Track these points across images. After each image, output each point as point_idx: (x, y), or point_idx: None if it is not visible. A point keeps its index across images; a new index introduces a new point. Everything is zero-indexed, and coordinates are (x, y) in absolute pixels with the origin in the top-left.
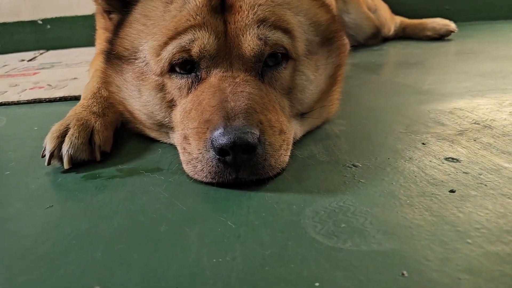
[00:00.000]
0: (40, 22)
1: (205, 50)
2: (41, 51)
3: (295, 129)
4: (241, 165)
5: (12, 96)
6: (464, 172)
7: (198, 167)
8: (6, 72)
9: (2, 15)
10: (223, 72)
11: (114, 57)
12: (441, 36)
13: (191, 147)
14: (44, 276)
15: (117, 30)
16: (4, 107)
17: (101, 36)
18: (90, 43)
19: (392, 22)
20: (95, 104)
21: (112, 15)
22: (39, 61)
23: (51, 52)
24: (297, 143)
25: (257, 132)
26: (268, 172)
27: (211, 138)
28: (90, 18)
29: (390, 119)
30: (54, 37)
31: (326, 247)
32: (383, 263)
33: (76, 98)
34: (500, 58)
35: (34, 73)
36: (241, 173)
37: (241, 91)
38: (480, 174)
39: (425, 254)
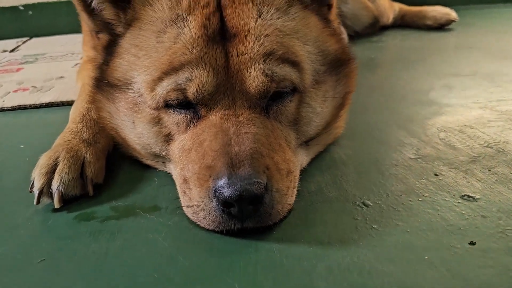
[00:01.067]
0: (21, 8)
1: (204, 90)
2: (24, 39)
3: (301, 159)
4: (247, 216)
5: None
6: (482, 216)
7: (200, 214)
8: None
9: None
10: (224, 109)
11: (105, 85)
12: (441, 26)
13: (192, 193)
14: None
15: (106, 57)
16: None
17: (88, 42)
18: (74, 30)
19: (391, 10)
20: (85, 129)
21: (100, 35)
22: (22, 52)
23: (34, 40)
24: (303, 172)
25: (264, 180)
26: (275, 218)
27: (214, 188)
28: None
29: (399, 140)
30: (37, 24)
31: None
32: None
33: (63, 104)
34: (504, 56)
35: (18, 69)
36: (246, 222)
37: (246, 132)
38: (500, 219)
39: None
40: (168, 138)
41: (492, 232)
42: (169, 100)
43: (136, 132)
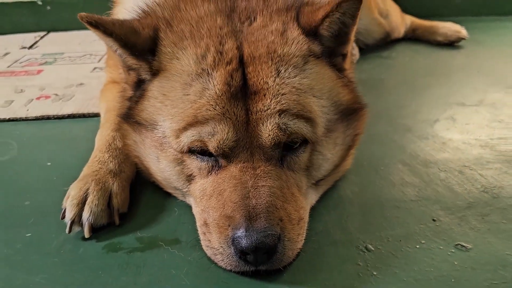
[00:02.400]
0: (40, 3)
1: (224, 145)
2: (41, 34)
3: (310, 199)
4: (261, 262)
5: (19, 109)
6: (472, 268)
7: (218, 256)
8: (8, 66)
9: None
10: (243, 162)
11: (133, 121)
12: (451, 43)
13: (212, 237)
14: None
15: (135, 94)
16: (13, 123)
17: (112, 66)
18: None
19: (402, 25)
20: (111, 159)
21: (131, 72)
22: (40, 49)
23: (51, 35)
24: (312, 210)
25: (277, 232)
26: (285, 263)
27: (232, 237)
28: (91, 0)
29: (402, 178)
30: (55, 19)
31: None
32: None
33: (85, 116)
34: (509, 83)
35: (38, 71)
36: (260, 266)
37: (262, 186)
38: (488, 272)
39: None
40: (190, 178)
41: (480, 286)
42: (193, 147)
43: (160, 167)
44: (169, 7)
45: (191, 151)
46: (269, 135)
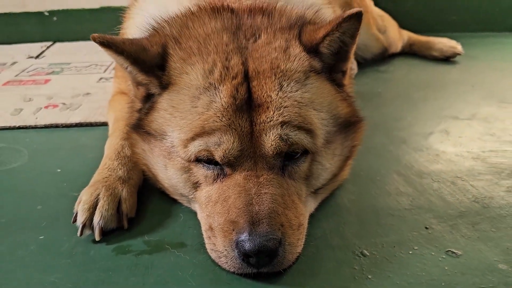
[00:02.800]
0: (46, 13)
1: (230, 154)
2: (48, 44)
3: (310, 207)
4: (263, 264)
5: (28, 117)
6: (462, 273)
7: (222, 259)
8: (16, 75)
9: (8, 5)
10: (247, 170)
11: (142, 131)
12: (447, 58)
13: (217, 241)
14: None
15: (144, 106)
16: (23, 131)
17: (120, 77)
18: None
19: (400, 40)
20: (120, 166)
21: (140, 87)
22: (47, 59)
23: (57, 45)
24: (311, 217)
25: (279, 236)
26: (286, 265)
27: (236, 241)
28: (96, 12)
29: (397, 188)
30: (60, 29)
31: None
32: None
33: (92, 125)
34: (502, 99)
35: (46, 81)
36: (262, 269)
37: (265, 193)
38: (476, 277)
39: None
40: (196, 185)
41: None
42: (199, 157)
43: (167, 175)
44: (178, 25)
45: (198, 160)
46: (272, 145)
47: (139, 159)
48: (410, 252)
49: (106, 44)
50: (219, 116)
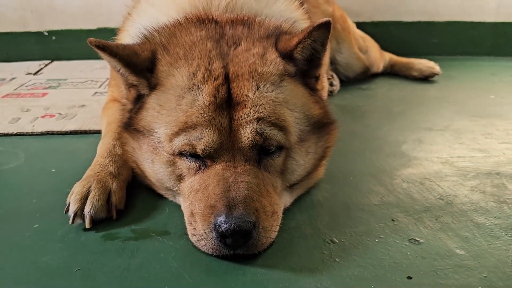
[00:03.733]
0: (45, 33)
1: (210, 147)
2: (46, 62)
3: (285, 200)
4: (238, 245)
5: (26, 125)
6: (422, 257)
7: (202, 242)
8: (15, 89)
9: (10, 25)
10: (226, 162)
11: (132, 129)
12: (426, 77)
13: (197, 225)
14: None
15: (134, 107)
16: (19, 138)
17: (114, 86)
18: (92, 56)
19: (381, 60)
20: (111, 163)
21: (131, 89)
22: (45, 75)
23: (55, 63)
24: (286, 211)
25: (253, 219)
26: (260, 248)
27: (214, 223)
28: (93, 33)
29: (368, 187)
30: (58, 48)
31: None
32: None
33: (86, 132)
34: (476, 113)
35: (43, 94)
36: (238, 250)
37: (241, 181)
38: (435, 260)
39: None
40: (179, 178)
41: (427, 270)
42: (183, 151)
43: (154, 169)
44: (166, 34)
45: (181, 153)
46: (248, 137)
47: (129, 157)
48: (376, 240)
49: (102, 47)
50: (201, 113)
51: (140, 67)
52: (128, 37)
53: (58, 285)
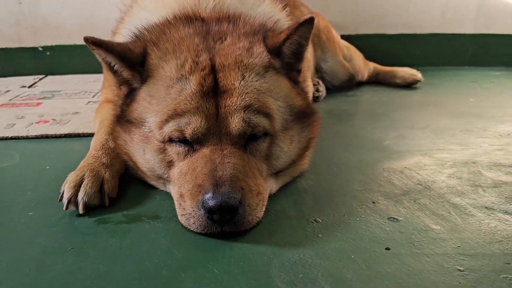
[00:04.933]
0: (40, 48)
1: (198, 132)
2: (40, 76)
3: (271, 186)
4: (225, 222)
5: (21, 130)
6: (400, 232)
7: (191, 220)
8: (10, 100)
9: (5, 40)
10: (213, 145)
11: (124, 121)
12: (409, 84)
13: (186, 205)
14: None
15: (126, 101)
16: (14, 141)
17: (107, 87)
18: (86, 70)
19: (366, 69)
20: (104, 155)
21: (122, 87)
22: (39, 88)
23: (49, 77)
24: (272, 197)
25: (238, 196)
26: (246, 226)
27: (202, 200)
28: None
29: (351, 176)
30: (53, 63)
31: None
32: None
33: (79, 136)
34: (455, 114)
35: (37, 104)
36: (225, 227)
37: (228, 162)
38: (412, 234)
39: None
40: (170, 164)
41: (404, 242)
42: (172, 137)
43: (145, 158)
44: (156, 32)
45: (171, 140)
46: (236, 126)
47: (121, 150)
48: (357, 219)
49: (98, 44)
50: (188, 100)
51: (134, 61)
52: (120, 37)
53: (53, 262)
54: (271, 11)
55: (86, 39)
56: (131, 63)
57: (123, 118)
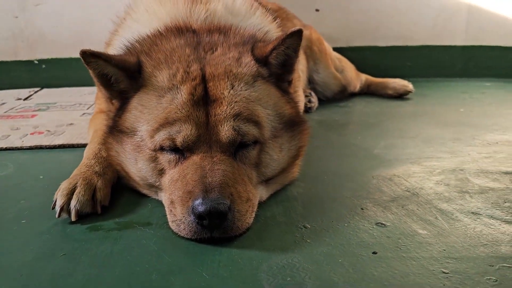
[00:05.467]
0: (36, 62)
1: (188, 140)
2: (36, 89)
3: (261, 193)
4: (215, 227)
5: (15, 141)
6: (387, 237)
7: (181, 226)
8: (5, 112)
9: (1, 54)
10: (203, 153)
11: (117, 131)
12: (400, 95)
13: (176, 211)
14: None
15: (118, 112)
16: (9, 152)
17: (100, 98)
18: (82, 83)
19: (357, 80)
20: (97, 164)
21: (114, 101)
22: (34, 100)
23: (45, 90)
24: (262, 204)
25: (228, 202)
26: (236, 231)
27: (192, 206)
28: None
29: (341, 184)
30: (48, 76)
31: None
32: None
33: (74, 146)
34: (445, 123)
35: (32, 116)
36: (214, 233)
37: (217, 169)
38: (399, 239)
39: None
40: (161, 172)
41: (391, 247)
42: (163, 146)
43: (137, 167)
44: (147, 43)
45: (162, 148)
46: (225, 134)
47: (113, 161)
48: (346, 225)
49: (97, 55)
50: (179, 109)
51: (132, 69)
52: (112, 49)
53: (44, 267)
54: (261, 23)
55: (84, 52)
56: (129, 71)
57: (115, 129)
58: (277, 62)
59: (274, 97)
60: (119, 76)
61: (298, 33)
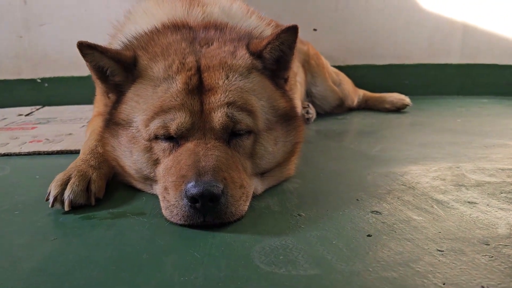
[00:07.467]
0: (38, 80)
1: (182, 127)
2: (38, 107)
3: (256, 186)
4: (208, 211)
5: (13, 148)
6: (382, 222)
7: (174, 211)
8: (6, 125)
9: (4, 73)
10: (197, 140)
11: (112, 124)
12: (398, 109)
13: (170, 196)
14: None
15: (115, 105)
16: (6, 158)
17: (99, 101)
18: (83, 101)
19: (355, 95)
20: (93, 158)
21: (110, 95)
22: (35, 116)
23: (46, 108)
24: (257, 197)
25: (221, 186)
26: (229, 217)
27: (185, 189)
28: (84, 79)
29: (337, 180)
30: (50, 94)
31: (265, 272)
32: (305, 284)
33: (72, 152)
34: (442, 130)
35: (32, 128)
36: (207, 217)
37: (211, 154)
38: (394, 224)
39: (336, 278)
40: (156, 162)
41: (386, 230)
42: (158, 134)
43: (133, 159)
44: (144, 39)
45: (157, 137)
46: (219, 120)
47: (109, 155)
48: (340, 213)
49: (93, 47)
50: (174, 97)
51: (128, 62)
52: (112, 46)
53: (35, 249)
54: (257, 25)
55: (80, 43)
56: (125, 64)
57: (111, 121)
58: (271, 56)
59: (269, 90)
60: (115, 68)
61: (293, 29)
